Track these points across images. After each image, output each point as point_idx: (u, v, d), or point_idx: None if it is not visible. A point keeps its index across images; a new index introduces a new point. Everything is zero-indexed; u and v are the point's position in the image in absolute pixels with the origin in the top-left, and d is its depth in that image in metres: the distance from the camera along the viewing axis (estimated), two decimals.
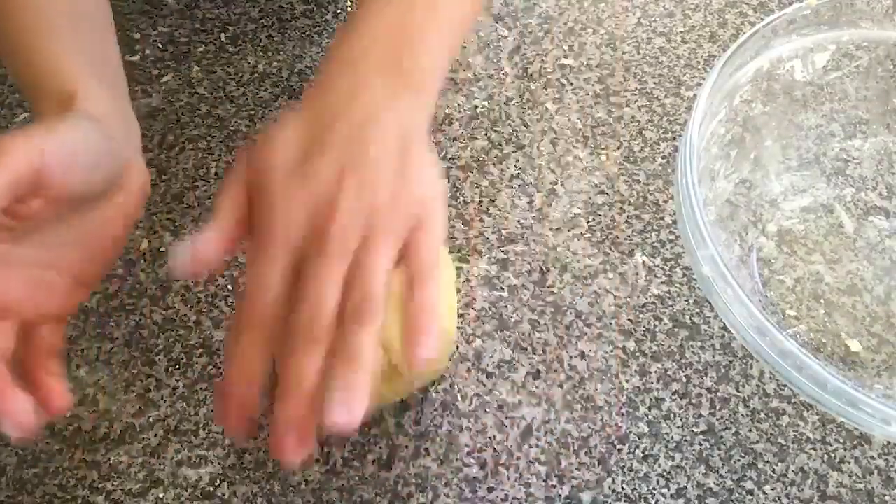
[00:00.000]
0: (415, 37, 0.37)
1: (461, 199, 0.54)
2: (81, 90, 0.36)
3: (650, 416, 0.45)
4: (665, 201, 0.54)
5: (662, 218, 0.53)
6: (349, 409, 0.30)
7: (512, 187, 0.54)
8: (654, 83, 0.60)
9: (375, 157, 0.33)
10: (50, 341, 0.36)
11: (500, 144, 0.56)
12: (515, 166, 0.55)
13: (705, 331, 0.48)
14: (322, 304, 0.31)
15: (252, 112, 0.58)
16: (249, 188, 0.34)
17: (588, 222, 0.53)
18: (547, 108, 0.58)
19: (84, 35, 0.40)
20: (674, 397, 0.46)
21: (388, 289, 0.32)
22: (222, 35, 0.63)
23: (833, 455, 0.44)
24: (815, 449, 0.44)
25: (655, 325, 0.48)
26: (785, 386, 0.46)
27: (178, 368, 0.47)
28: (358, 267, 0.32)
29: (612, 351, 0.47)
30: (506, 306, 0.49)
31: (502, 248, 0.51)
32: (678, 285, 0.50)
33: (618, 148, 0.56)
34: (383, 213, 0.33)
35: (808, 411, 0.45)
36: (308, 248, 0.32)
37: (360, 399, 0.30)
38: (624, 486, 0.43)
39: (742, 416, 0.45)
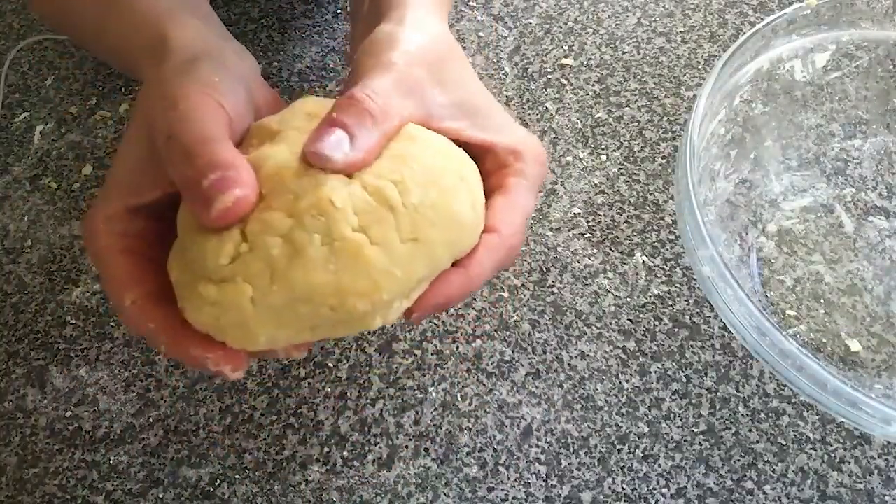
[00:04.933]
0: None
1: None
2: (173, 28, 0.36)
3: (650, 416, 0.45)
4: (665, 201, 0.54)
5: (662, 218, 0.53)
6: None
7: None
8: (654, 83, 0.60)
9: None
10: None
11: None
12: None
13: (705, 331, 0.48)
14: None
15: None
16: None
17: (588, 222, 0.53)
18: (547, 108, 0.58)
19: None
20: (674, 397, 0.46)
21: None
22: None
23: (833, 455, 0.44)
24: (815, 449, 0.44)
25: (655, 325, 0.48)
26: (785, 386, 0.46)
27: (178, 368, 0.47)
28: None
29: (612, 351, 0.47)
30: (506, 306, 0.49)
31: None
32: (678, 285, 0.50)
33: (618, 148, 0.56)
34: None
35: (808, 411, 0.45)
36: None
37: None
38: (624, 486, 0.43)
39: (742, 416, 0.45)
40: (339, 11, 0.64)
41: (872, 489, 0.43)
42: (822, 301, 0.48)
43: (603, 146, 0.56)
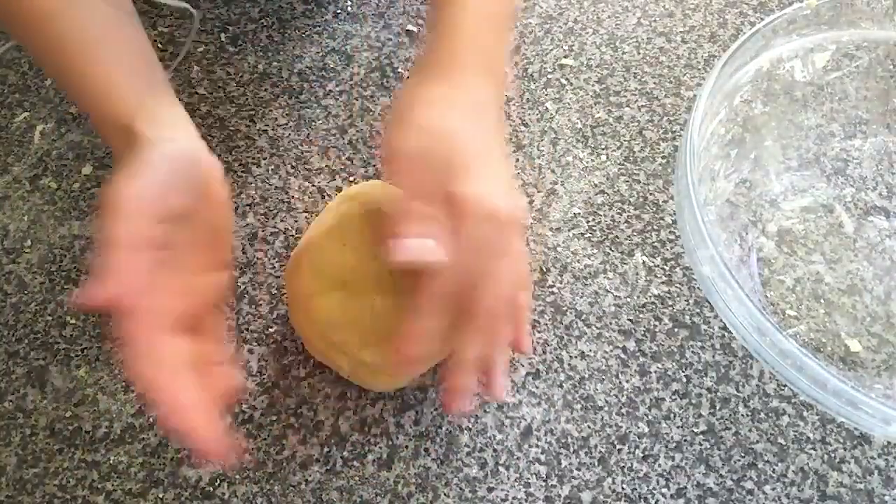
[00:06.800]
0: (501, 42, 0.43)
1: None
2: (139, 118, 0.39)
3: (650, 416, 0.45)
4: (665, 201, 0.54)
5: (662, 218, 0.53)
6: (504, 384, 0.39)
7: None
8: (654, 83, 0.60)
9: (503, 253, 0.38)
10: (215, 329, 0.40)
11: None
12: (515, 166, 0.55)
13: (705, 331, 0.48)
14: (469, 357, 0.38)
15: (252, 112, 0.58)
16: None
17: (588, 222, 0.53)
18: (547, 108, 0.58)
19: (125, 47, 0.41)
20: (674, 397, 0.46)
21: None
22: (222, 35, 0.63)
23: (833, 455, 0.44)
24: (815, 449, 0.44)
25: (655, 325, 0.48)
26: (785, 386, 0.46)
27: None
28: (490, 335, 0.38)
29: (612, 351, 0.47)
30: None
31: None
32: (678, 285, 0.50)
33: (618, 148, 0.56)
34: (503, 308, 0.38)
35: (808, 411, 0.45)
36: (458, 311, 0.38)
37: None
38: (624, 486, 0.43)
39: (742, 416, 0.45)
40: (339, 11, 0.64)
41: (872, 489, 0.43)
42: (822, 301, 0.48)
43: (603, 146, 0.56)
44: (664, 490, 0.43)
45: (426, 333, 0.38)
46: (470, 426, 0.45)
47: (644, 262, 0.51)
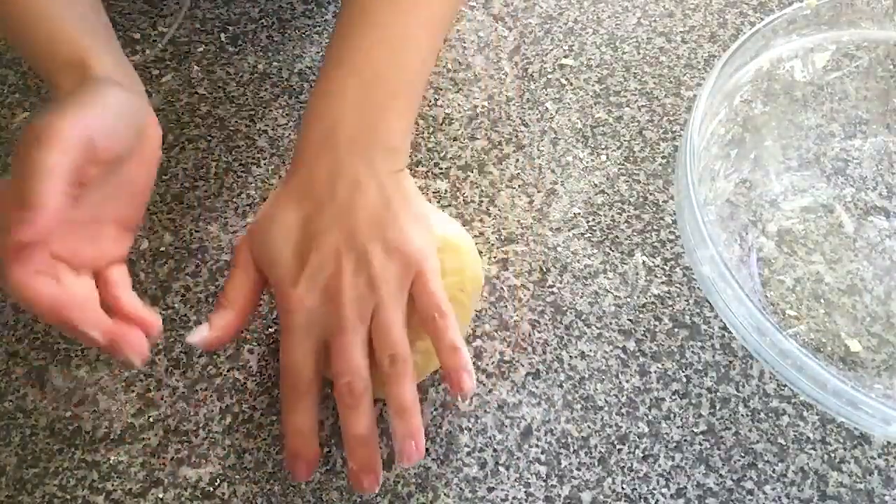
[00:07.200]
0: (382, 108, 0.42)
1: (461, 199, 0.54)
2: (91, 55, 0.39)
3: (650, 416, 0.45)
4: (665, 201, 0.54)
5: (662, 218, 0.53)
6: (416, 446, 0.37)
7: (512, 187, 0.54)
8: (654, 83, 0.60)
9: (365, 229, 0.38)
10: (121, 280, 0.40)
11: (500, 144, 0.56)
12: (515, 166, 0.55)
13: (705, 331, 0.48)
14: (353, 373, 0.37)
15: (252, 112, 0.58)
16: (259, 273, 0.41)
17: (588, 222, 0.53)
18: (547, 108, 0.58)
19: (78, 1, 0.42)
20: (674, 397, 0.46)
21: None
22: (222, 35, 0.63)
23: (833, 455, 0.44)
24: (815, 449, 0.44)
25: (655, 325, 0.48)
26: (785, 386, 0.46)
27: (178, 368, 0.47)
28: (379, 333, 0.38)
29: (612, 351, 0.47)
30: (506, 306, 0.49)
31: (502, 248, 0.51)
32: (678, 285, 0.50)
33: (618, 148, 0.56)
34: (383, 280, 0.38)
35: (808, 411, 0.45)
36: (327, 327, 0.38)
37: (421, 435, 0.37)
38: (624, 486, 0.43)
39: (742, 416, 0.45)
40: (339, 11, 0.64)
41: (872, 489, 0.43)
42: (822, 301, 0.48)
43: (603, 146, 0.56)
44: (664, 490, 0.43)
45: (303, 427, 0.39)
46: (470, 426, 0.45)
47: (644, 262, 0.51)
